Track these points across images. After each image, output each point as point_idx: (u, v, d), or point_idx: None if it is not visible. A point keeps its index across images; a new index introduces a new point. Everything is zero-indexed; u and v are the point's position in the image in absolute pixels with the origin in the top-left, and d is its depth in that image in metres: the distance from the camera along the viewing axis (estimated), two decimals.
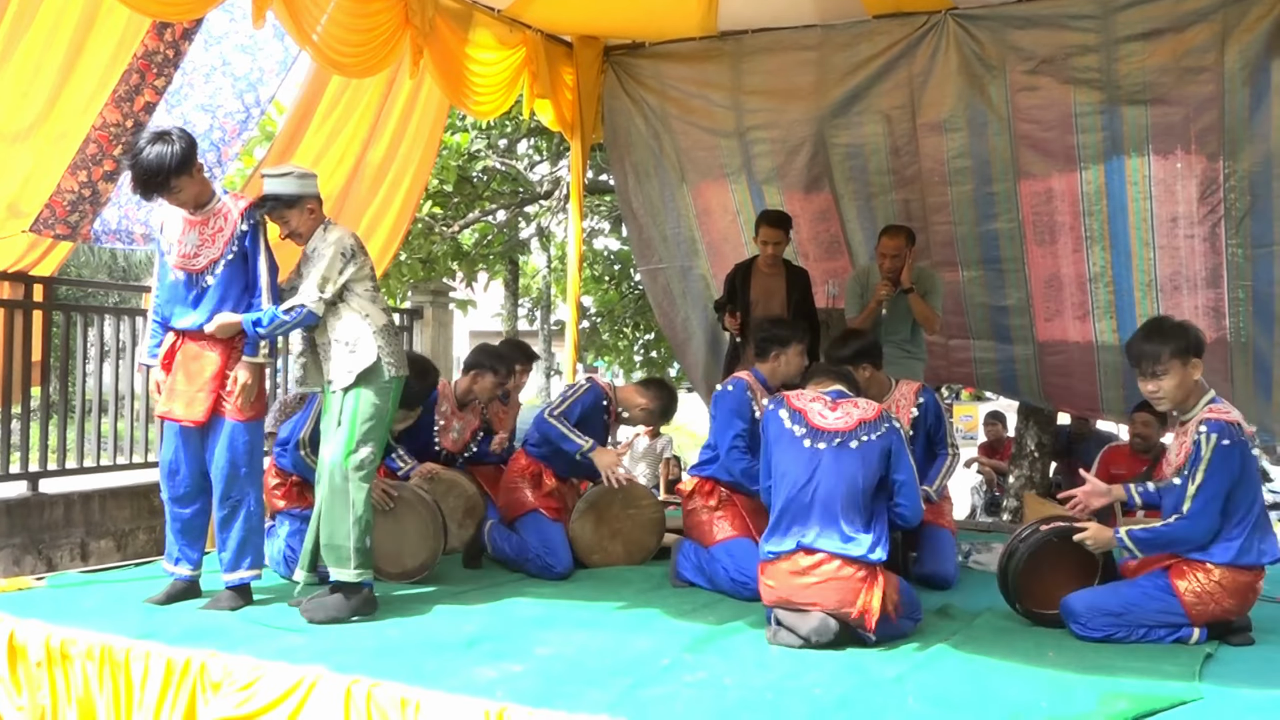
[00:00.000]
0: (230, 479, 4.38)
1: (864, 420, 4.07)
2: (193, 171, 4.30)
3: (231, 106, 5.98)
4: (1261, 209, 6.07)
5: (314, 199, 4.39)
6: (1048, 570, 4.24)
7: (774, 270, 6.53)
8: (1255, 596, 4.02)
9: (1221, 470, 3.88)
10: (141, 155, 4.19)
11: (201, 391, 4.35)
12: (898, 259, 6.17)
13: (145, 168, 4.18)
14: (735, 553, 4.81)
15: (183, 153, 4.21)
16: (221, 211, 4.39)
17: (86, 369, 6.37)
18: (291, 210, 4.34)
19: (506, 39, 6.79)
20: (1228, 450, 3.88)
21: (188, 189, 4.30)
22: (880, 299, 6.21)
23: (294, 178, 4.35)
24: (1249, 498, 3.95)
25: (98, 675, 3.68)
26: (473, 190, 11.69)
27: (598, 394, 5.30)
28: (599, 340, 12.97)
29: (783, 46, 7.05)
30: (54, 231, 5.49)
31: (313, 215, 4.39)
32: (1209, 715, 3.20)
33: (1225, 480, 3.88)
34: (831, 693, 3.34)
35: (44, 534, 5.59)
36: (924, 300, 6.21)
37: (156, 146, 4.19)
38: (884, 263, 6.22)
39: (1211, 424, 3.92)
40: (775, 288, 6.51)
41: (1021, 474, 8.15)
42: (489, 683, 3.35)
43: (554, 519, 5.25)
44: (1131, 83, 6.15)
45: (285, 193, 4.31)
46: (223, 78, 5.93)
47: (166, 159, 4.17)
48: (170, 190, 4.26)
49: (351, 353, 4.30)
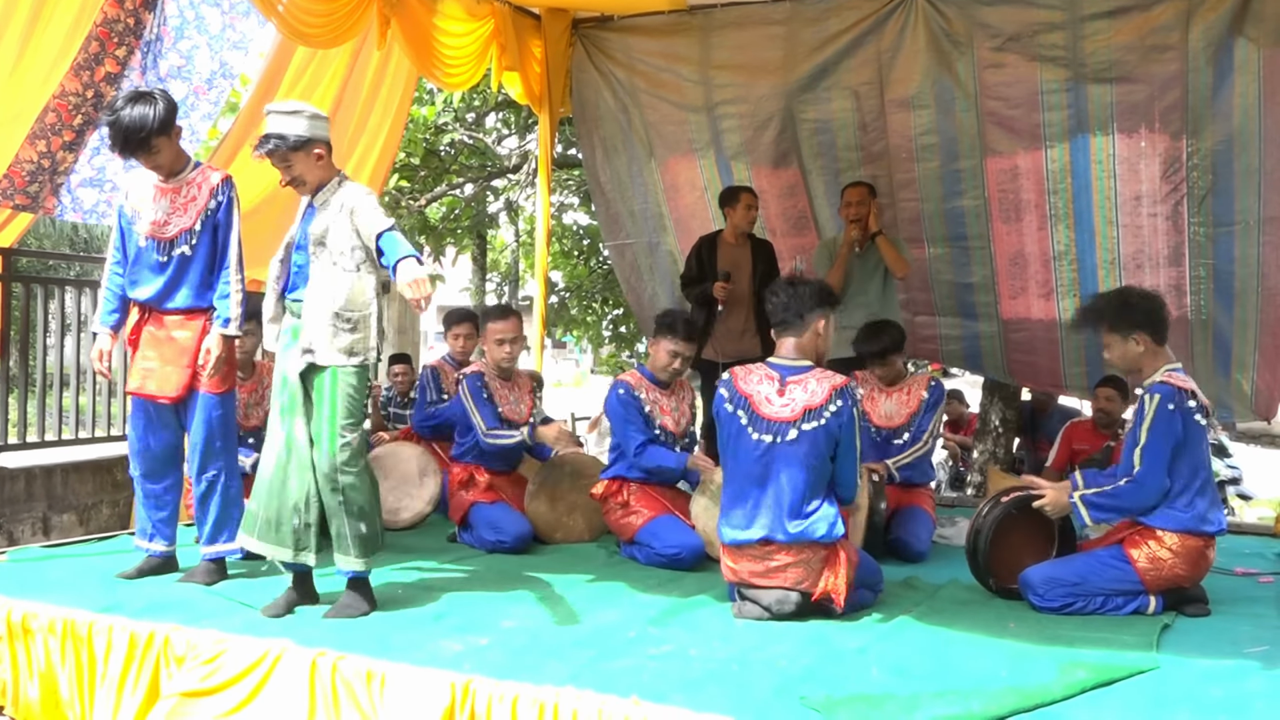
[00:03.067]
0: (206, 453, 4.35)
1: (809, 408, 3.94)
2: (171, 134, 4.23)
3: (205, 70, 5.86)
4: (1223, 188, 6.13)
5: (323, 144, 3.97)
6: (1012, 544, 4.32)
7: (740, 242, 6.55)
8: (1207, 565, 4.10)
9: (1164, 429, 3.97)
10: (122, 114, 4.12)
11: (177, 367, 4.31)
12: (862, 206, 6.28)
13: (126, 126, 4.11)
14: (658, 531, 4.90)
15: (165, 113, 4.16)
16: (195, 181, 4.33)
17: (48, 342, 6.29)
18: (297, 154, 3.92)
19: (474, 10, 6.73)
20: (1170, 412, 3.97)
21: (166, 150, 4.24)
22: (851, 242, 6.28)
23: (304, 117, 3.92)
24: (1193, 464, 4.03)
25: (60, 649, 3.66)
26: (440, 164, 11.61)
27: (474, 380, 5.27)
28: (568, 315, 12.95)
29: (751, 21, 7.03)
30: (13, 202, 5.40)
31: (320, 162, 3.97)
32: (1166, 684, 3.26)
33: (1168, 439, 3.97)
34: (797, 664, 3.38)
35: (5, 508, 5.53)
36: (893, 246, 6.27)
37: (138, 106, 4.12)
38: (849, 212, 6.32)
39: (1155, 386, 4.03)
40: (742, 259, 6.53)
41: (985, 449, 8.23)
42: (455, 656, 3.37)
43: (493, 502, 5.28)
44: (1097, 60, 6.19)
45: (293, 133, 3.89)
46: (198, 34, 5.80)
47: (149, 119, 4.11)
48: (150, 150, 4.20)
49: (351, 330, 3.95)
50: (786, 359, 4.07)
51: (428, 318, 25.42)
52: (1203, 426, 4.05)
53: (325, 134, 4.00)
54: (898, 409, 5.44)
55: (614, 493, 5.09)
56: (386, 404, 7.52)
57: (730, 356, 6.13)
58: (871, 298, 6.37)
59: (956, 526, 5.60)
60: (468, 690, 3.05)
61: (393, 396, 7.53)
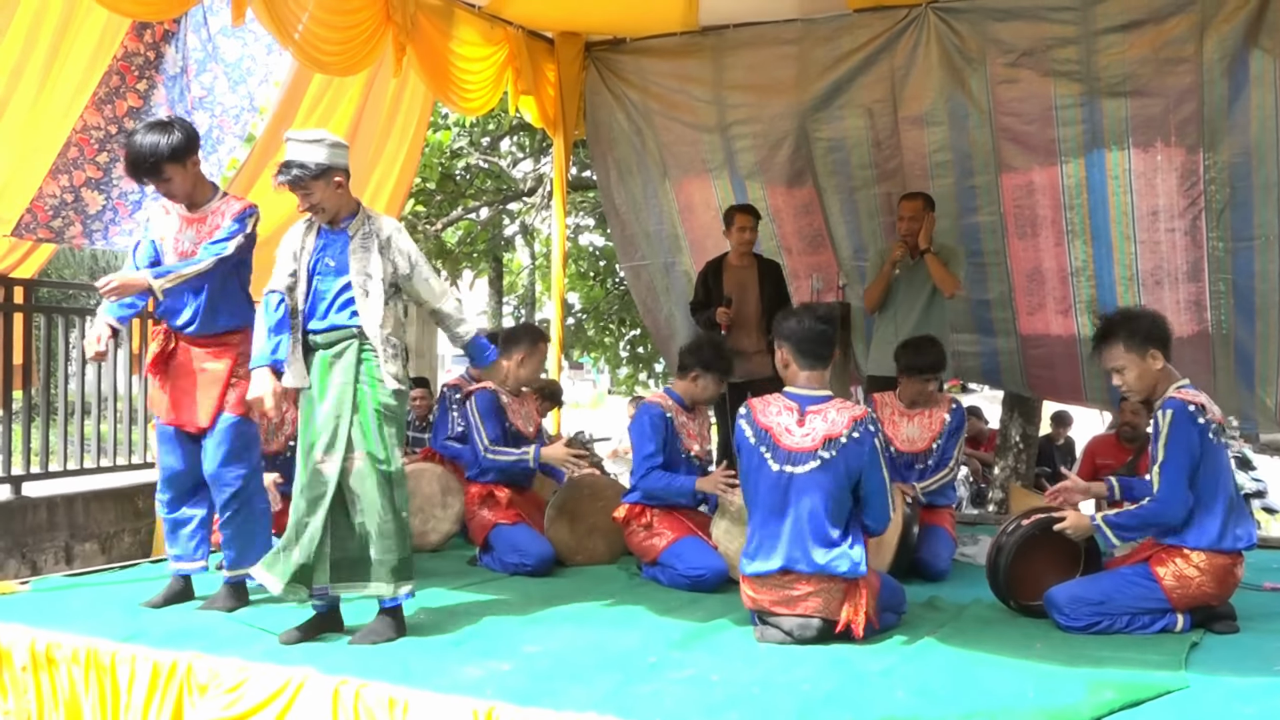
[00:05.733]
0: (233, 476, 4.34)
1: (830, 436, 3.90)
2: (187, 164, 4.23)
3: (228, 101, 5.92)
4: (1241, 201, 6.10)
5: (343, 171, 3.97)
6: (1035, 563, 4.28)
7: (746, 264, 6.54)
8: (1236, 581, 4.05)
9: (1181, 444, 3.92)
10: (134, 139, 4.17)
11: (209, 398, 4.32)
12: (915, 221, 6.17)
13: (136, 151, 4.15)
14: (681, 552, 4.88)
15: (178, 142, 4.17)
16: (220, 210, 4.35)
17: (69, 371, 6.33)
18: (318, 181, 3.90)
19: (489, 35, 6.79)
20: (1186, 427, 3.92)
21: (178, 179, 4.24)
22: (895, 260, 6.21)
23: (325, 145, 3.92)
24: (1215, 479, 3.97)
25: (84, 679, 3.66)
26: (456, 188, 11.67)
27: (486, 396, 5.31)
28: (585, 337, 12.97)
29: (764, 41, 7.06)
30: (36, 235, 5.46)
31: (339, 190, 3.97)
32: (1195, 704, 3.22)
33: (1185, 455, 3.92)
34: (819, 688, 3.35)
35: (28, 538, 5.56)
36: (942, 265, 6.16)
37: (152, 133, 4.16)
38: (901, 225, 6.23)
39: (1168, 402, 3.99)
40: (748, 280, 6.53)
41: (1007, 465, 8.19)
42: (476, 681, 3.35)
43: (514, 523, 5.28)
44: (1111, 75, 6.18)
45: (313, 161, 3.88)
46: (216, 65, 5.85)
47: (160, 146, 4.14)
48: (160, 177, 4.21)
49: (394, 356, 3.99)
50: (805, 389, 4.03)
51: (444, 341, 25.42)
52: (1219, 441, 4.00)
53: (344, 162, 4.00)
54: (920, 433, 5.41)
55: (636, 515, 5.08)
56: (405, 427, 7.53)
57: (741, 377, 6.11)
58: (916, 314, 6.25)
59: (979, 545, 5.56)
60: (490, 717, 3.03)
61: (412, 420, 7.55)
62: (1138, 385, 4.12)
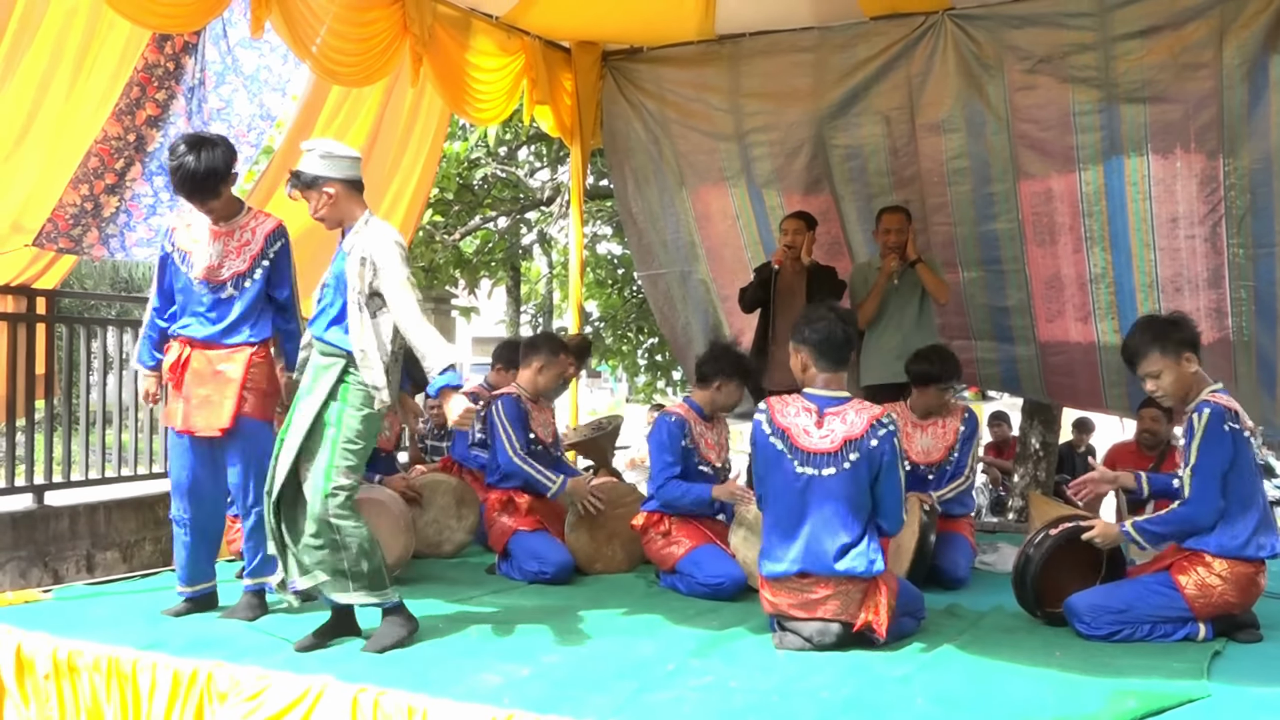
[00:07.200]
0: (257, 485, 4.32)
1: (849, 438, 3.90)
2: (229, 179, 4.29)
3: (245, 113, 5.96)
4: (1262, 207, 6.05)
5: (336, 182, 3.92)
6: (1063, 572, 4.25)
7: (795, 270, 6.52)
8: (1259, 590, 4.02)
9: (1215, 448, 3.90)
10: (187, 159, 4.15)
11: (227, 400, 4.30)
12: (900, 233, 6.21)
13: (196, 172, 4.15)
14: (700, 560, 4.89)
15: (230, 159, 4.23)
16: (249, 225, 4.38)
17: (90, 381, 6.38)
18: (310, 191, 3.94)
19: (505, 45, 6.81)
20: (1221, 430, 3.90)
21: (226, 195, 4.30)
22: (890, 271, 6.22)
23: (315, 155, 3.94)
24: (1245, 486, 3.95)
25: (105, 687, 3.69)
26: (473, 198, 11.70)
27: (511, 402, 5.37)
28: (603, 345, 12.96)
29: (780, 49, 7.06)
30: (57, 245, 5.50)
31: (331, 200, 3.93)
32: (1218, 713, 3.20)
33: (1218, 459, 3.90)
34: (838, 694, 3.34)
35: (50, 546, 5.60)
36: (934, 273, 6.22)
37: (205, 151, 4.16)
38: (887, 239, 6.26)
39: (1203, 404, 3.96)
40: (796, 287, 6.51)
41: (1026, 473, 8.15)
42: (495, 689, 3.36)
43: (535, 530, 5.30)
44: (1130, 81, 6.15)
45: (304, 171, 3.93)
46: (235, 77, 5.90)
47: (219, 164, 4.18)
48: (217, 196, 4.26)
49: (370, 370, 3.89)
50: (824, 390, 4.02)
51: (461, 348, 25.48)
52: (1251, 448, 3.98)
53: (339, 173, 3.94)
54: (935, 443, 5.41)
55: (655, 523, 5.09)
56: (424, 437, 7.55)
57: (783, 387, 6.09)
58: (908, 322, 6.32)
59: (999, 553, 5.54)
60: None
61: (430, 429, 7.57)
62: (1174, 390, 4.08)
